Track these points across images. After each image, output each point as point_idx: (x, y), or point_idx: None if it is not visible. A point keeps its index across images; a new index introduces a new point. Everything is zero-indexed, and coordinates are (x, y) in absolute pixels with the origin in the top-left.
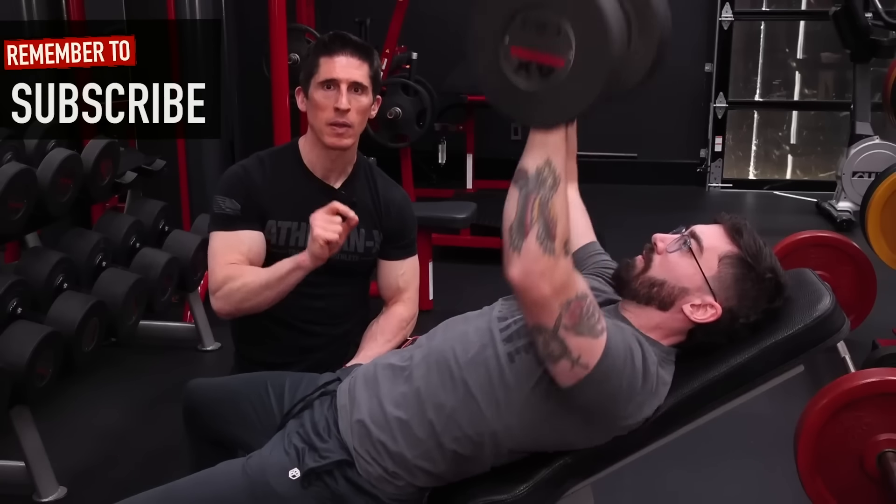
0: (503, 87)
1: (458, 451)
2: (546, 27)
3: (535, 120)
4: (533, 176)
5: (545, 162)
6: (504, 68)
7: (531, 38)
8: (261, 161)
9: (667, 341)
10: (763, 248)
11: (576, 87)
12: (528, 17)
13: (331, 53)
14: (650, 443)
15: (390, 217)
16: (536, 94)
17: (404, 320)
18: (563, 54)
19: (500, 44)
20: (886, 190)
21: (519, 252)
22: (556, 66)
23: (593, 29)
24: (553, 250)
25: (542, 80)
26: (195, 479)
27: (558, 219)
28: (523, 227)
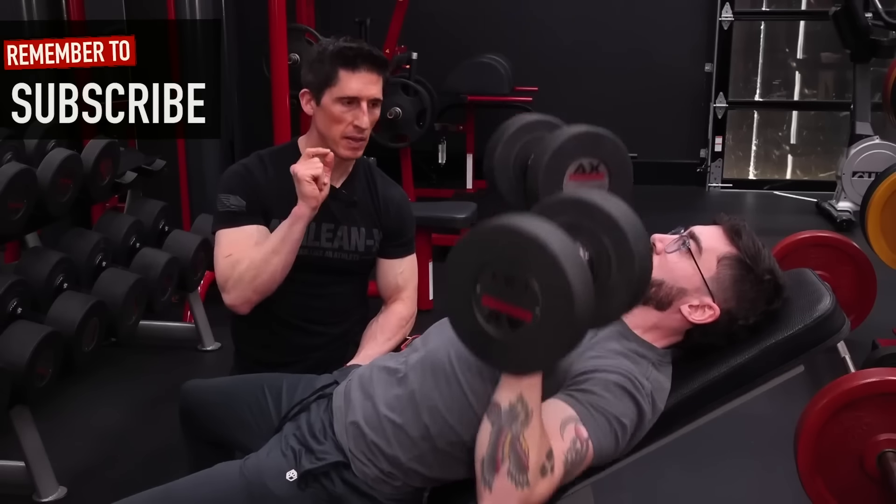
0: (476, 332)
1: (451, 453)
2: (514, 281)
3: (506, 367)
4: (505, 411)
5: (517, 398)
6: (476, 315)
7: (500, 289)
8: (261, 160)
9: (662, 342)
10: (762, 249)
11: (543, 340)
12: (497, 270)
13: (353, 68)
14: (650, 443)
15: (389, 215)
16: (506, 344)
17: (404, 319)
18: (530, 308)
19: (472, 292)
20: (886, 190)
21: (490, 489)
22: (524, 320)
23: (557, 290)
24: (526, 483)
25: (511, 331)
26: (193, 479)
27: (530, 450)
28: (494, 462)
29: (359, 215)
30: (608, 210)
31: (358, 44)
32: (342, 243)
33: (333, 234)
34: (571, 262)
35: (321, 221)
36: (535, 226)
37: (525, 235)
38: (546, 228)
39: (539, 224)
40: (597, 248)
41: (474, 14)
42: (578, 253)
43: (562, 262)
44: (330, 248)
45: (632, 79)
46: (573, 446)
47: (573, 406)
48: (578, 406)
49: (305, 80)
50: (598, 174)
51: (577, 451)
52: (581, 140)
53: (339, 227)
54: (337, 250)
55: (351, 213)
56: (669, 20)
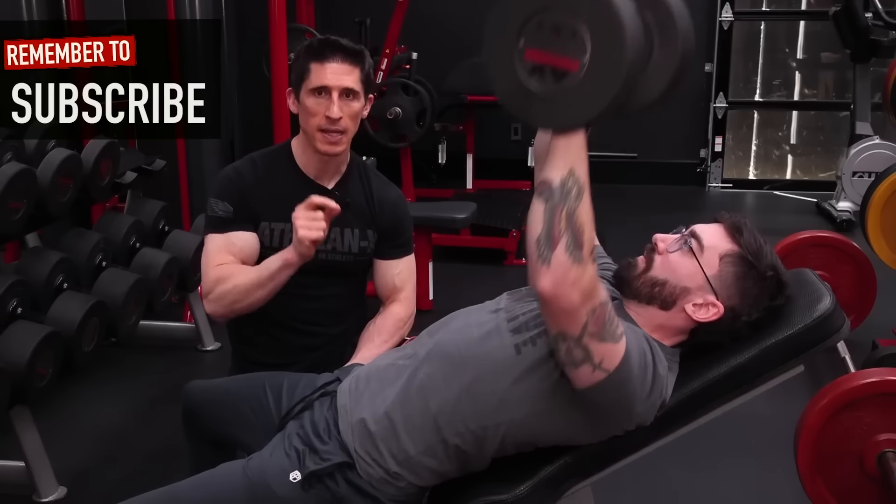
0: (517, 90)
1: (460, 446)
2: (561, 30)
3: (549, 123)
4: (558, 187)
5: (569, 172)
6: (518, 71)
7: (546, 40)
8: (253, 162)
9: (670, 341)
10: (763, 246)
11: (590, 90)
12: (544, 20)
13: (322, 59)
14: (650, 443)
15: (384, 216)
16: (550, 98)
17: (401, 320)
18: (577, 57)
19: (514, 46)
20: (886, 190)
21: (549, 264)
22: (571, 70)
23: (608, 33)
24: (582, 259)
25: (555, 84)
26: (195, 481)
27: (585, 227)
28: (551, 239)
29: (352, 216)
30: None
31: (331, 37)
32: (335, 245)
33: (326, 235)
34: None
35: None
36: None
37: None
38: None
39: None
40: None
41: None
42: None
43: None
44: (323, 249)
45: None
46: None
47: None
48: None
49: (290, 80)
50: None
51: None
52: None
53: (332, 229)
54: (330, 252)
55: (344, 214)
56: None
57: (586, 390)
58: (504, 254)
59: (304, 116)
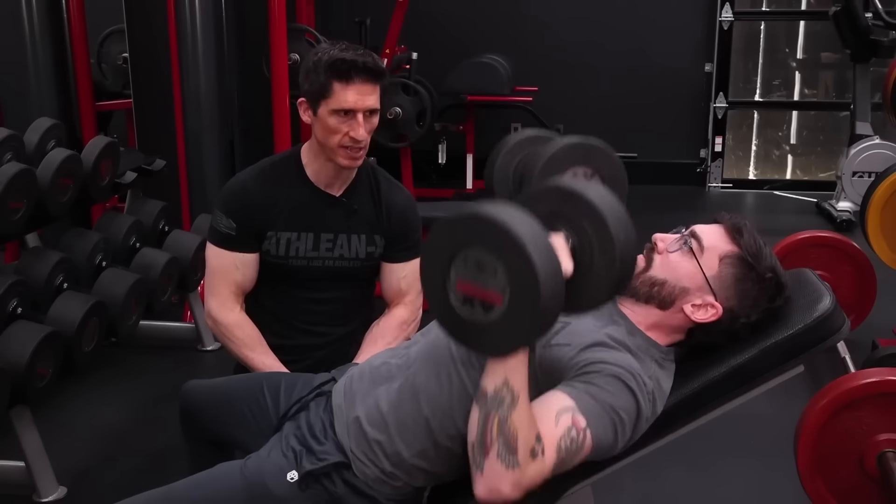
0: (452, 316)
1: (451, 448)
2: (484, 266)
3: (483, 350)
4: (491, 395)
5: (503, 382)
6: (452, 301)
7: (472, 274)
8: (262, 172)
9: (666, 340)
10: (763, 247)
11: (514, 323)
12: (469, 256)
13: (347, 81)
14: (650, 443)
15: (392, 221)
16: (481, 327)
17: (405, 323)
18: (500, 292)
19: (447, 277)
20: (886, 190)
21: (482, 472)
22: (496, 303)
23: (522, 274)
24: (516, 463)
25: (485, 314)
26: (193, 480)
27: (519, 432)
28: (483, 446)
29: (359, 223)
30: (587, 196)
31: (352, 54)
32: (342, 252)
33: (333, 243)
34: (537, 246)
35: (320, 232)
36: (503, 212)
37: (492, 221)
38: (514, 214)
39: (508, 210)
40: (579, 235)
41: (474, 14)
42: (546, 238)
43: (527, 246)
44: (330, 257)
45: (632, 79)
46: (568, 433)
47: (573, 396)
48: (578, 395)
49: (302, 88)
50: None
51: (573, 440)
52: (574, 150)
53: (339, 237)
54: (337, 259)
55: (351, 221)
56: (669, 20)
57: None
58: None
59: (324, 133)
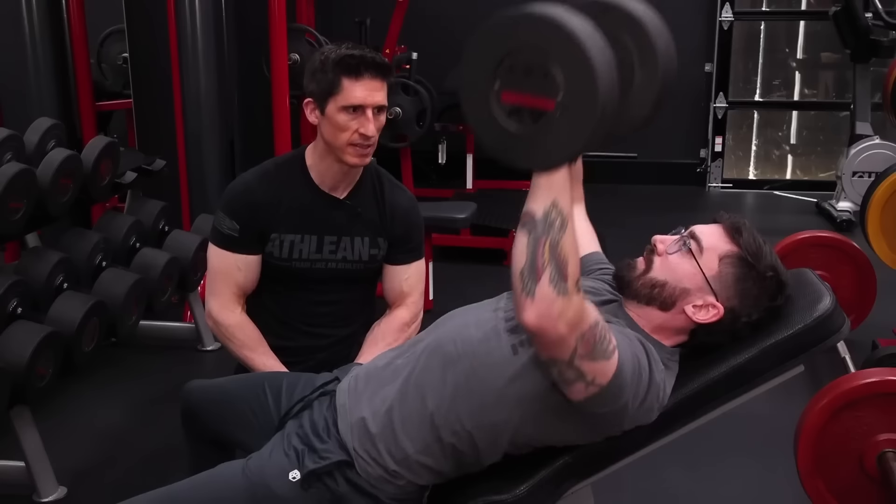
0: (497, 132)
1: (456, 445)
2: (533, 70)
3: (531, 163)
4: (541, 219)
5: (552, 204)
6: (496, 114)
7: (520, 82)
8: (266, 173)
9: (669, 341)
10: (763, 246)
11: (568, 129)
12: (516, 62)
13: (356, 76)
14: (650, 443)
15: (395, 223)
16: (530, 138)
17: (406, 324)
18: (552, 97)
19: (490, 90)
20: (886, 190)
21: (532, 297)
22: (547, 109)
23: (579, 70)
24: (566, 290)
25: (534, 124)
26: (195, 481)
27: (569, 258)
28: (535, 271)
29: (363, 225)
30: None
31: (360, 51)
32: (345, 254)
33: (336, 245)
34: (592, 40)
35: (323, 234)
36: (549, 9)
37: (541, 18)
38: (563, 12)
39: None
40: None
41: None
42: (598, 34)
43: (582, 40)
44: (333, 259)
45: None
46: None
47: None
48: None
49: (308, 89)
50: None
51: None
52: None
53: (342, 239)
54: (340, 261)
55: (355, 223)
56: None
57: (580, 403)
58: (504, 254)
59: (333, 131)
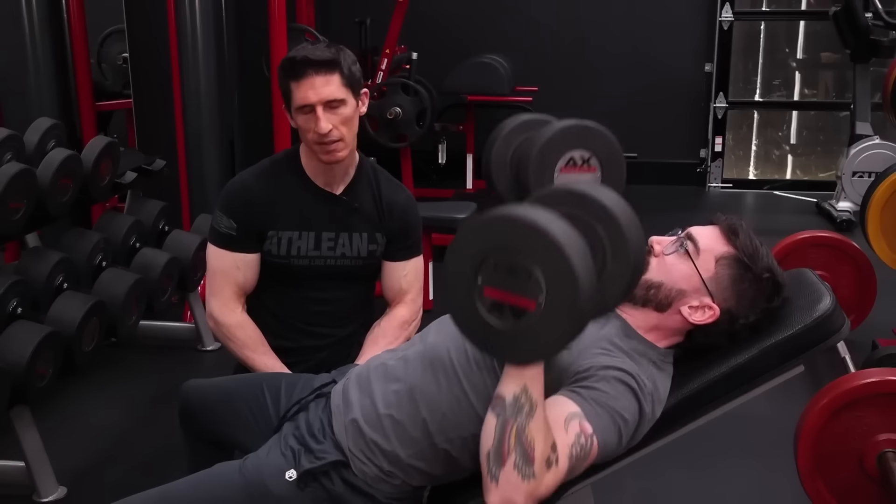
0: (478, 324)
1: (450, 451)
2: (517, 271)
3: (510, 358)
4: (510, 403)
5: (521, 389)
6: (478, 307)
7: (503, 280)
8: (261, 173)
9: (664, 342)
10: (759, 247)
11: (549, 329)
12: (500, 261)
13: (297, 77)
14: (650, 443)
15: (393, 219)
16: (510, 334)
17: (406, 322)
18: (534, 297)
19: (473, 283)
20: (886, 190)
21: (496, 482)
22: (528, 309)
23: (562, 276)
24: (532, 474)
25: (515, 321)
26: (192, 480)
27: (536, 442)
28: (500, 456)
29: (360, 221)
30: (600, 199)
31: (302, 51)
32: (344, 250)
33: (334, 242)
34: (575, 248)
35: (321, 230)
36: (535, 214)
37: (527, 224)
38: (546, 216)
39: (538, 212)
40: (591, 238)
41: (474, 14)
42: (580, 241)
43: (566, 248)
44: (331, 255)
45: (632, 79)
46: (577, 441)
47: (577, 402)
48: (582, 402)
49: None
50: (590, 167)
51: (582, 446)
52: (570, 133)
53: (340, 235)
54: (339, 257)
55: (352, 219)
56: (669, 20)
57: None
58: None
59: (301, 133)
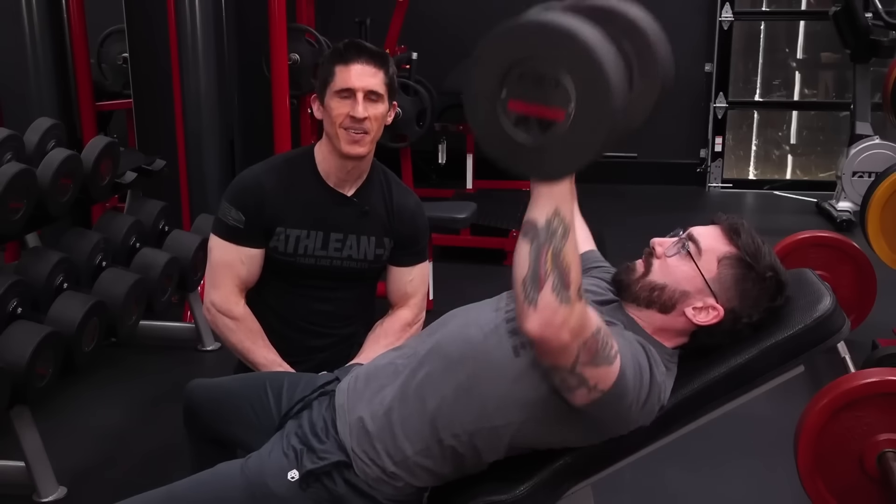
0: (503, 141)
1: (456, 447)
2: (544, 80)
3: (538, 173)
4: (543, 227)
5: (554, 212)
6: (503, 123)
7: (529, 91)
8: (274, 168)
9: (671, 343)
10: (762, 246)
11: (578, 140)
12: (526, 70)
13: (346, 62)
14: (650, 443)
15: (403, 224)
16: (537, 148)
17: (409, 324)
18: (562, 107)
19: (497, 98)
20: (886, 190)
21: (535, 306)
22: (557, 120)
23: (593, 82)
24: (569, 299)
25: (542, 134)
26: (194, 480)
27: (571, 266)
28: (538, 280)
29: (370, 224)
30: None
31: (355, 40)
32: (351, 252)
33: (342, 243)
34: (607, 52)
35: (330, 231)
36: (564, 19)
37: (556, 28)
38: (575, 22)
39: (566, 18)
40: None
41: (474, 14)
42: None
43: (598, 52)
44: (338, 257)
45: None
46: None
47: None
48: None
49: (315, 87)
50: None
51: (607, 343)
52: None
53: (348, 237)
54: (346, 259)
55: (361, 222)
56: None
57: (583, 407)
58: (504, 254)
59: (329, 119)
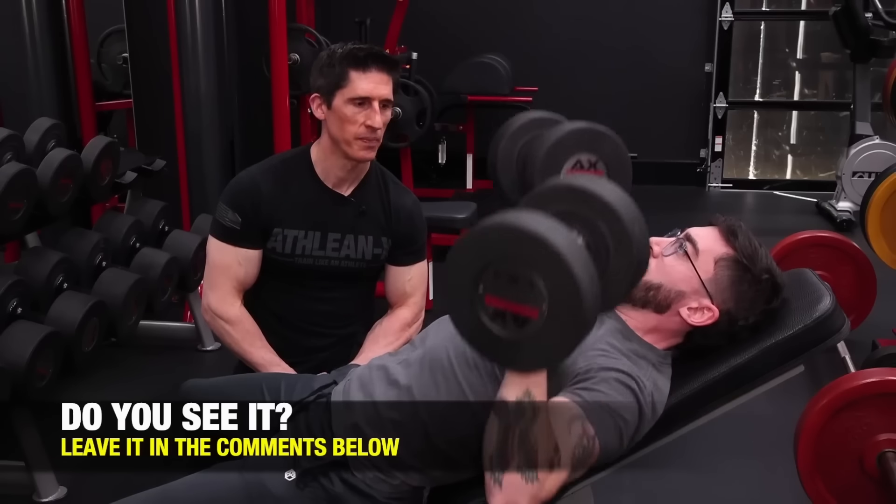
0: (481, 332)
1: (449, 452)
2: (518, 280)
3: (514, 366)
4: (513, 407)
5: (524, 393)
6: (480, 316)
7: (504, 288)
8: (271, 169)
9: (663, 344)
10: (758, 248)
11: (552, 337)
12: (500, 270)
13: (364, 69)
14: (650, 443)
15: (400, 223)
16: (513, 342)
17: (408, 324)
18: (536, 305)
19: (475, 292)
20: (886, 190)
21: (500, 486)
22: (531, 317)
23: (564, 287)
24: (536, 478)
25: (517, 330)
26: (191, 480)
27: (539, 445)
28: (503, 458)
29: (367, 224)
30: (602, 195)
31: (368, 45)
32: (349, 252)
33: (340, 243)
34: (576, 257)
35: (327, 231)
36: (534, 222)
37: (527, 233)
38: (546, 223)
39: (538, 219)
40: (593, 235)
41: (474, 14)
42: (581, 246)
43: (567, 258)
44: (336, 257)
45: (632, 78)
46: (580, 443)
47: (579, 404)
48: (584, 403)
49: (316, 84)
50: (597, 171)
51: (585, 448)
52: (579, 135)
53: (346, 237)
54: (344, 259)
55: (359, 221)
56: (669, 20)
57: None
58: None
59: (339, 124)
